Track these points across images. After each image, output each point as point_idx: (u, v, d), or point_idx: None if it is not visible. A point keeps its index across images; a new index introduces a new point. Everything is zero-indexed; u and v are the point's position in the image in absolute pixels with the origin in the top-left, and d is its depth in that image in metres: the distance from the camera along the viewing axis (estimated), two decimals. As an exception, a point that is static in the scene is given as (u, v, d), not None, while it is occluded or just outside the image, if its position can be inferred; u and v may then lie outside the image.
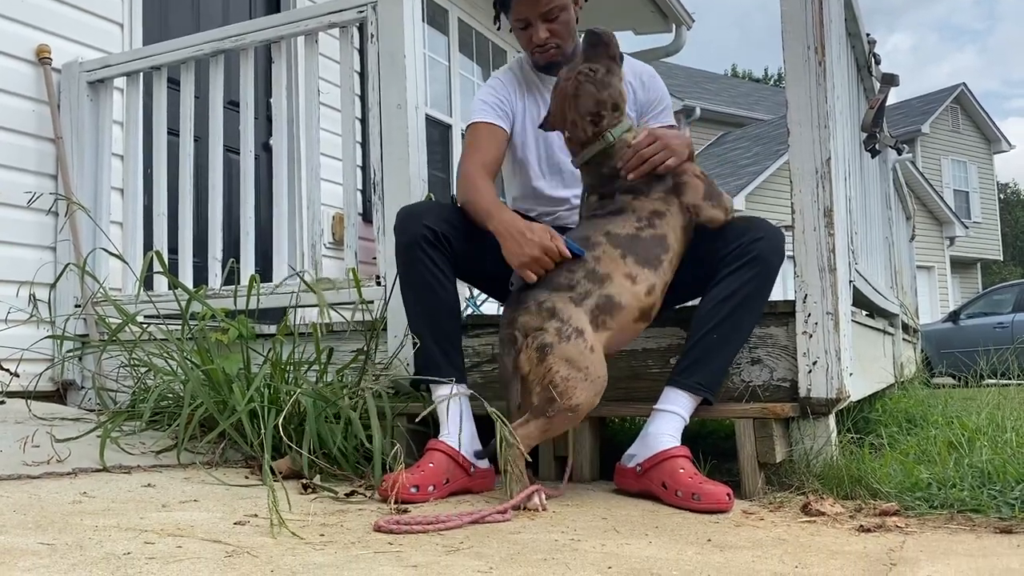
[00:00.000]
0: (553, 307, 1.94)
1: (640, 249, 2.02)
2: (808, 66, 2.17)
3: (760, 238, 2.07)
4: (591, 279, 1.98)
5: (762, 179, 15.92)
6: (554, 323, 1.92)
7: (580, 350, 1.91)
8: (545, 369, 1.90)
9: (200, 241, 3.20)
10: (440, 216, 2.18)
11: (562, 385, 1.89)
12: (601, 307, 1.97)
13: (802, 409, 2.14)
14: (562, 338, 1.91)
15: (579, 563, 1.40)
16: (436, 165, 5.90)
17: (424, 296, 2.15)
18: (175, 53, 3.18)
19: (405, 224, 2.17)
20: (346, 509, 1.82)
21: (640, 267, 2.01)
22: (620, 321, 2.00)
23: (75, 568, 1.26)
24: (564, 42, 2.35)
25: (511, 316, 2.00)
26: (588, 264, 2.00)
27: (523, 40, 2.38)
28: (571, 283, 1.98)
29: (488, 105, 2.38)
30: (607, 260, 2.01)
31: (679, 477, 1.92)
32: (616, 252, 2.01)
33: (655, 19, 6.72)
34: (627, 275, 2.00)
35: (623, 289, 1.99)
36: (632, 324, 2.03)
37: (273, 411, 2.17)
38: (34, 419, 2.62)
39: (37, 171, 3.40)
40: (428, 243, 2.13)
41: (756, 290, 2.07)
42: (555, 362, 1.90)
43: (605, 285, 1.98)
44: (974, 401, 3.21)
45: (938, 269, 21.20)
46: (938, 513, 1.81)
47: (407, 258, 2.16)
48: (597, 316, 1.96)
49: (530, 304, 1.97)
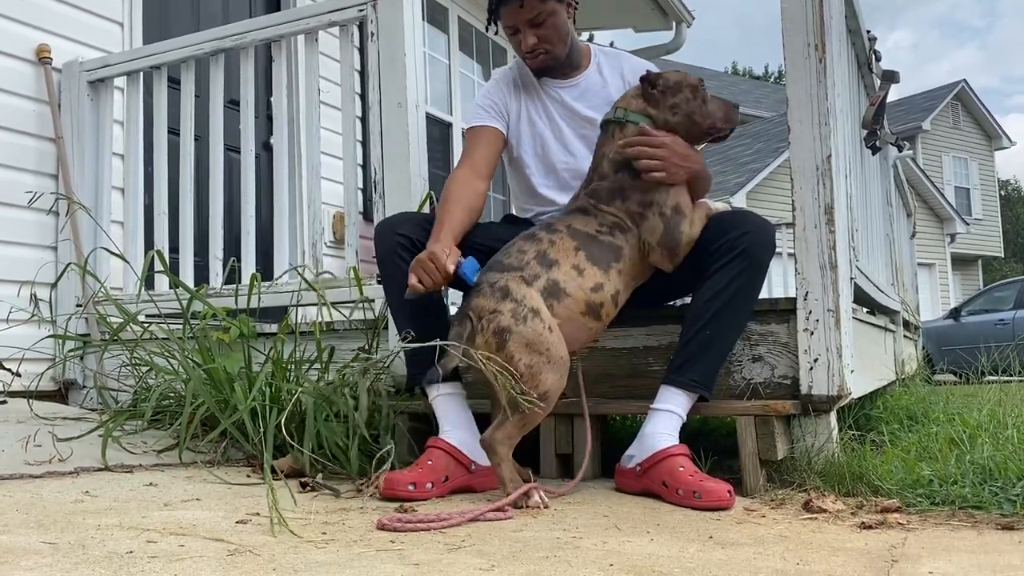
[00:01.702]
0: (506, 286, 1.93)
1: (594, 248, 2.04)
2: (808, 63, 2.16)
3: (747, 232, 2.06)
4: (540, 262, 1.99)
5: (763, 176, 15.92)
6: (508, 304, 1.91)
7: (538, 332, 1.90)
8: (507, 357, 1.87)
9: (201, 240, 3.20)
10: (415, 223, 2.21)
11: (527, 373, 1.87)
12: (548, 290, 1.97)
13: (803, 406, 2.14)
14: (518, 320, 1.89)
15: (581, 561, 1.40)
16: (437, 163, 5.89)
17: (407, 302, 2.12)
18: (175, 52, 3.18)
19: (382, 237, 2.21)
20: (348, 507, 1.83)
21: (589, 263, 2.02)
22: (567, 309, 1.98)
23: (78, 567, 1.26)
24: (554, 46, 2.32)
25: (466, 302, 1.99)
26: (542, 245, 2.01)
27: (514, 46, 2.39)
28: (520, 264, 1.98)
29: (481, 108, 2.42)
30: (559, 247, 2.02)
31: (679, 475, 1.92)
32: (571, 243, 2.03)
33: (655, 17, 6.71)
34: (574, 266, 2.01)
35: (569, 278, 1.99)
36: (579, 316, 2.00)
37: (275, 410, 2.17)
38: (36, 419, 2.62)
39: (38, 171, 3.40)
40: (405, 249, 2.15)
41: (746, 284, 2.06)
42: (515, 349, 1.88)
43: (552, 270, 1.99)
44: (975, 398, 3.21)
45: (939, 266, 21.19)
46: (939, 510, 1.81)
47: (387, 269, 2.19)
48: (546, 299, 1.96)
49: (483, 286, 1.96)
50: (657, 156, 2.05)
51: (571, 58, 2.39)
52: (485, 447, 1.93)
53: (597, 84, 2.40)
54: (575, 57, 2.41)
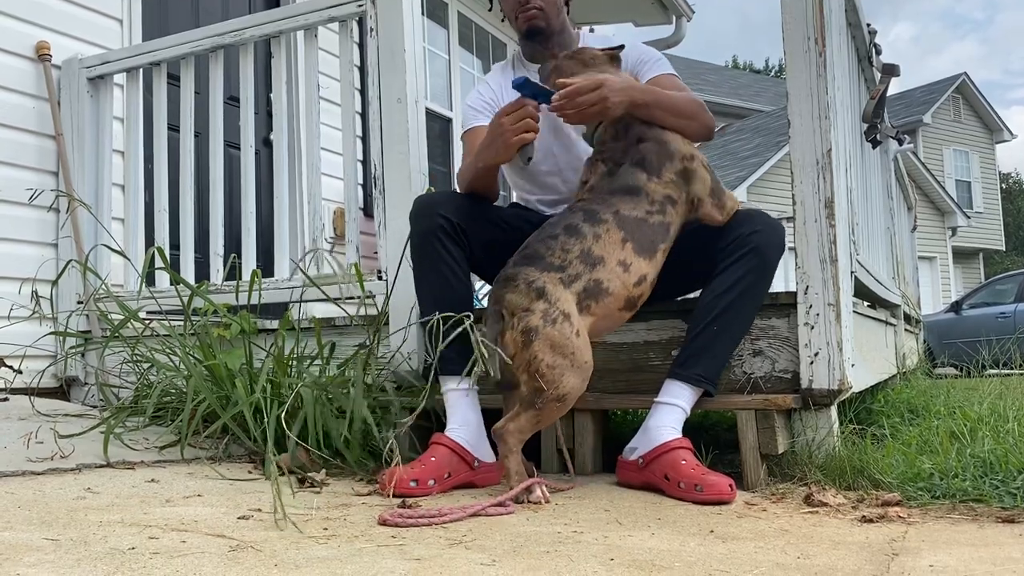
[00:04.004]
0: (543, 287, 1.91)
1: (642, 236, 2.00)
2: (808, 57, 2.16)
3: (758, 230, 2.07)
4: (584, 260, 1.95)
5: (763, 170, 15.90)
6: (541, 304, 1.89)
7: (566, 335, 1.88)
8: (531, 356, 1.87)
9: (201, 237, 3.20)
10: (456, 205, 2.18)
11: (549, 374, 1.86)
12: (588, 291, 1.94)
13: (804, 400, 2.14)
14: (548, 321, 1.87)
15: (582, 555, 1.40)
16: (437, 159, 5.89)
17: (438, 288, 2.15)
18: (175, 49, 3.17)
19: (422, 213, 2.17)
20: (349, 503, 1.83)
21: (636, 255, 1.98)
22: (605, 308, 1.97)
23: (80, 563, 1.26)
24: (548, 9, 2.35)
25: (499, 293, 1.96)
26: (586, 242, 1.97)
27: (509, 7, 2.39)
28: (563, 263, 1.95)
29: (475, 110, 2.44)
30: (606, 242, 1.97)
31: (681, 469, 1.92)
32: (618, 235, 1.98)
33: (655, 11, 6.71)
34: (621, 262, 1.97)
35: (614, 276, 1.96)
36: (617, 312, 2.00)
37: (276, 405, 2.17)
38: (37, 415, 2.62)
39: (38, 168, 3.40)
40: (445, 233, 2.13)
41: (755, 282, 2.07)
42: (540, 348, 1.86)
43: (596, 269, 1.95)
44: (976, 391, 3.21)
45: (940, 259, 21.17)
46: (940, 503, 1.82)
47: (423, 248, 2.16)
48: (582, 300, 1.94)
49: (519, 282, 1.93)
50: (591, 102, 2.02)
51: (562, 39, 2.42)
52: (496, 436, 1.92)
53: None
54: (566, 40, 2.43)
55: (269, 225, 3.11)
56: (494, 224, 2.23)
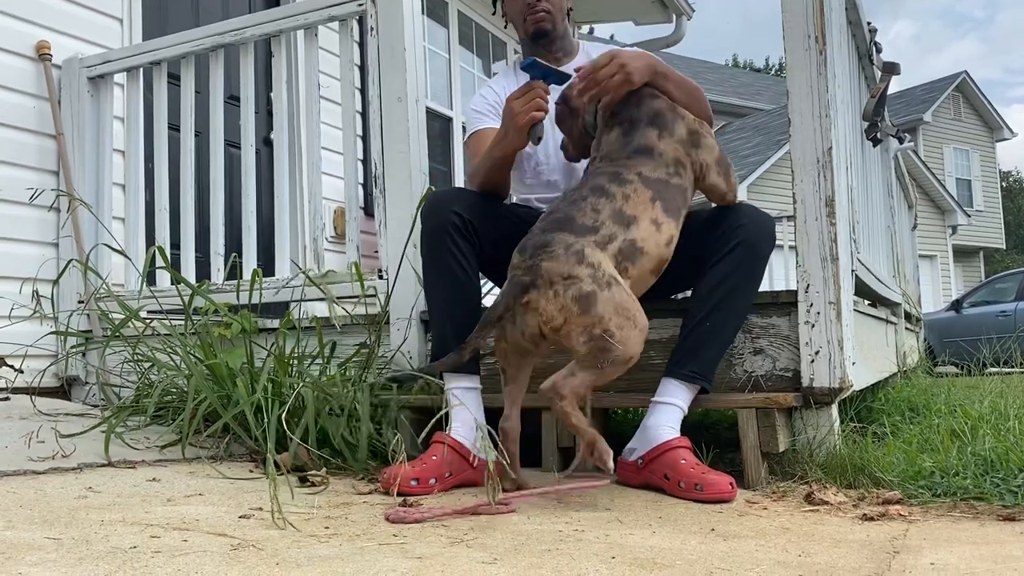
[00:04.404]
0: (582, 251, 1.81)
1: (668, 196, 1.94)
2: (809, 55, 2.16)
3: (743, 224, 2.06)
4: (617, 220, 1.88)
5: (764, 169, 15.89)
6: (585, 270, 1.79)
7: (624, 297, 1.80)
8: (594, 319, 1.76)
9: (202, 236, 3.20)
10: (469, 203, 2.19)
11: (619, 334, 1.76)
12: (624, 252, 1.86)
13: (805, 399, 2.14)
14: (600, 286, 1.78)
15: (583, 553, 1.40)
16: (437, 158, 5.89)
17: (447, 285, 2.14)
18: (175, 48, 3.17)
19: (435, 211, 2.17)
20: (350, 502, 1.83)
21: (665, 215, 1.92)
22: (639, 269, 1.89)
23: (82, 562, 1.26)
24: (555, 13, 2.39)
25: (531, 262, 1.83)
26: (616, 202, 1.89)
27: (515, 10, 2.41)
28: (596, 224, 1.86)
29: (479, 113, 2.46)
30: (636, 201, 1.91)
31: (681, 468, 1.92)
32: (647, 193, 1.92)
33: (655, 9, 6.70)
34: (653, 220, 1.90)
35: (648, 235, 1.89)
36: (648, 275, 1.93)
37: (277, 405, 2.18)
38: (38, 415, 2.62)
39: (38, 167, 3.40)
40: (456, 230, 2.13)
41: (745, 276, 2.06)
42: (605, 311, 1.76)
43: (631, 228, 1.88)
44: (977, 389, 3.21)
45: (940, 258, 21.16)
46: (941, 501, 1.82)
47: (434, 245, 2.16)
48: (620, 262, 1.86)
49: (556, 248, 1.81)
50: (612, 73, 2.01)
51: (565, 43, 2.46)
52: (550, 394, 1.79)
53: None
54: (568, 45, 2.48)
55: (270, 224, 3.11)
56: (504, 221, 2.23)
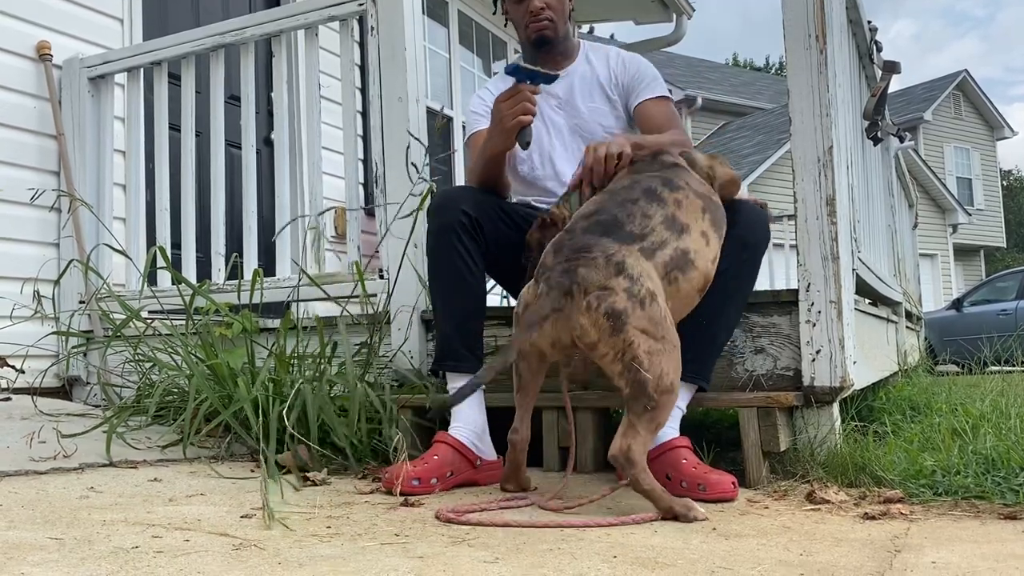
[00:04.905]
0: (622, 261, 1.67)
1: (713, 209, 1.87)
2: (809, 54, 2.16)
3: (737, 220, 2.06)
4: (669, 226, 1.76)
5: (764, 168, 15.90)
6: (622, 281, 1.65)
7: (657, 317, 1.65)
8: (624, 343, 1.63)
9: (203, 236, 3.20)
10: (476, 201, 2.19)
11: (647, 361, 1.63)
12: (675, 261, 1.74)
13: (806, 398, 2.14)
14: (635, 302, 1.64)
15: (585, 552, 1.40)
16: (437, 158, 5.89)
17: (453, 284, 2.15)
18: (175, 48, 3.18)
19: (443, 209, 2.17)
20: (352, 501, 1.83)
21: (713, 230, 1.82)
22: (689, 284, 1.77)
23: (84, 562, 1.26)
24: (557, 19, 2.40)
25: (568, 265, 1.69)
26: (668, 208, 1.78)
27: (518, 15, 2.41)
28: (643, 231, 1.73)
29: (477, 114, 2.46)
30: (687, 210, 1.80)
31: (683, 467, 1.92)
32: (698, 203, 1.83)
33: (656, 8, 6.70)
34: (703, 233, 1.80)
35: (699, 247, 1.78)
36: (694, 294, 1.81)
37: (277, 404, 2.18)
38: (40, 415, 2.63)
39: (39, 168, 3.40)
40: (463, 228, 2.14)
41: (740, 271, 2.05)
42: (635, 335, 1.62)
43: (683, 237, 1.76)
44: (978, 388, 3.21)
45: (941, 257, 21.16)
46: (942, 500, 1.82)
47: (441, 243, 2.16)
48: (669, 272, 1.74)
49: (596, 255, 1.68)
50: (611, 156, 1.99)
51: (566, 46, 2.47)
52: (619, 462, 1.65)
53: (587, 73, 2.48)
54: (569, 47, 2.49)
55: (270, 224, 3.11)
56: (509, 219, 2.25)
